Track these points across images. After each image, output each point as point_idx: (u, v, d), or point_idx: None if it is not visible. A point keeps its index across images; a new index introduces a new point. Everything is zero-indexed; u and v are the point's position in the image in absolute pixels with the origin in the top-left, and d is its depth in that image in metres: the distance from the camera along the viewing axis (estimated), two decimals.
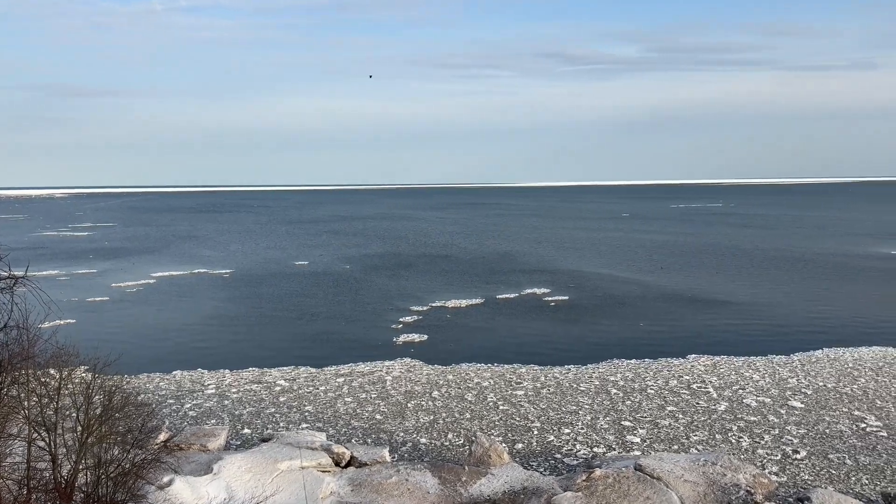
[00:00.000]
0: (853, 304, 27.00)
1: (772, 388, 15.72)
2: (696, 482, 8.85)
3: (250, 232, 71.58)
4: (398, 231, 69.51)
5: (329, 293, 31.59)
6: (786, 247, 49.43)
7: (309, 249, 51.59)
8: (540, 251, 48.30)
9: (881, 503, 9.19)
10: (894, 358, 18.09)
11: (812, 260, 40.79)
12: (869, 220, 77.03)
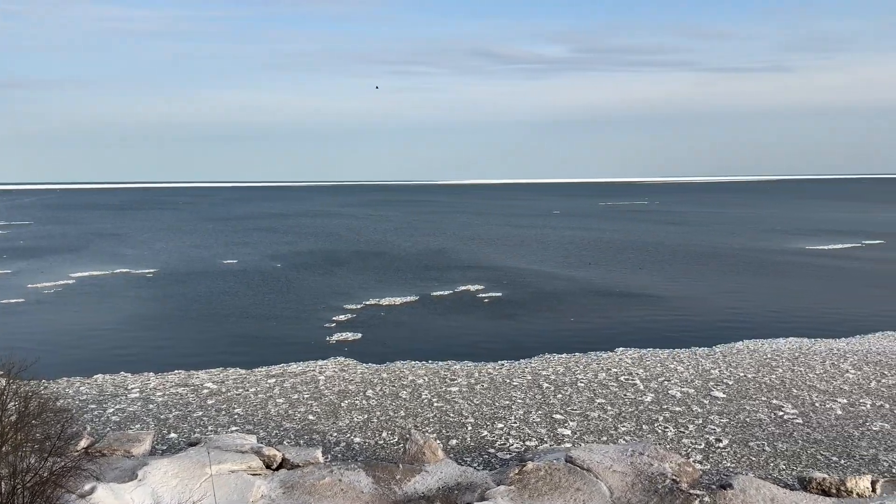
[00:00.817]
0: (770, 297, 28.29)
1: (695, 380, 16.29)
2: (625, 472, 9.09)
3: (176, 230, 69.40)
4: (330, 228, 68.74)
5: (259, 292, 30.95)
6: (707, 243, 51.35)
7: (237, 247, 50.40)
8: (473, 248, 48.67)
9: (797, 487, 9.66)
10: (809, 348, 19.03)
11: (731, 255, 42.51)
12: (785, 216, 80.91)
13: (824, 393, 15.13)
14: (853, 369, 16.83)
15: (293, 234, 63.00)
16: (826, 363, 17.47)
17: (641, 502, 8.41)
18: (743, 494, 8.32)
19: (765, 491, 8.50)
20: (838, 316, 24.23)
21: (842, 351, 18.71)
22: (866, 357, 17.96)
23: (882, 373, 16.45)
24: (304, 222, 78.05)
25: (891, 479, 9.83)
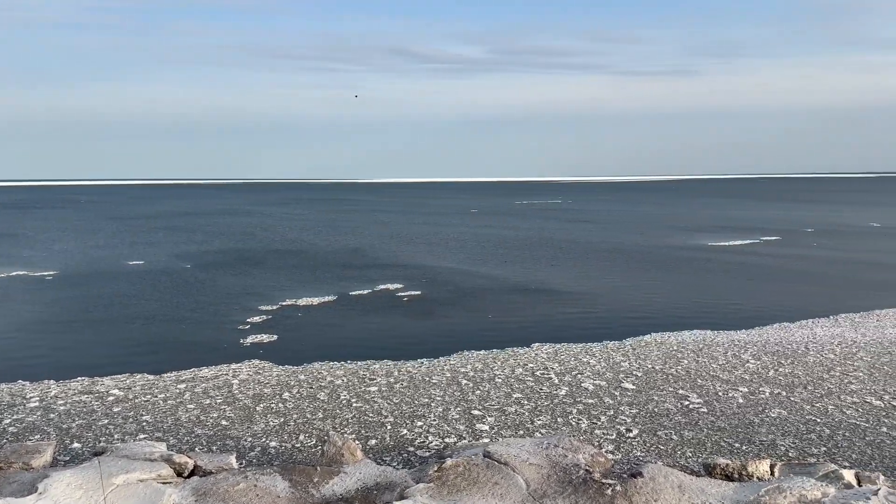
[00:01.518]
0: (676, 291, 29.46)
1: (607, 372, 16.77)
2: (540, 465, 9.27)
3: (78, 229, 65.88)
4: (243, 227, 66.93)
5: (167, 294, 29.79)
6: (617, 240, 53.05)
7: (144, 247, 48.33)
8: (392, 247, 48.50)
9: (703, 472, 10.09)
10: (712, 340, 19.88)
11: (639, 251, 44.07)
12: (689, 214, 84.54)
13: (727, 382, 15.89)
14: (753, 359, 17.75)
15: (204, 233, 60.97)
16: (728, 354, 18.31)
17: (556, 493, 8.61)
18: (652, 482, 8.64)
19: (672, 478, 8.86)
20: (738, 309, 25.49)
21: (742, 342, 19.68)
22: (765, 347, 18.97)
23: (779, 362, 17.42)
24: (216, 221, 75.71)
25: (787, 462, 10.42)
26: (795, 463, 10.30)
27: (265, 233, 61.00)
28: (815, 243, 49.33)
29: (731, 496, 8.77)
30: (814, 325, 21.99)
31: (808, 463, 10.32)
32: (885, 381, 15.79)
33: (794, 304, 26.10)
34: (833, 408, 14.07)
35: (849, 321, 22.42)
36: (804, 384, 15.65)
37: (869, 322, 22.17)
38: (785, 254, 42.94)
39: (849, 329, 21.18)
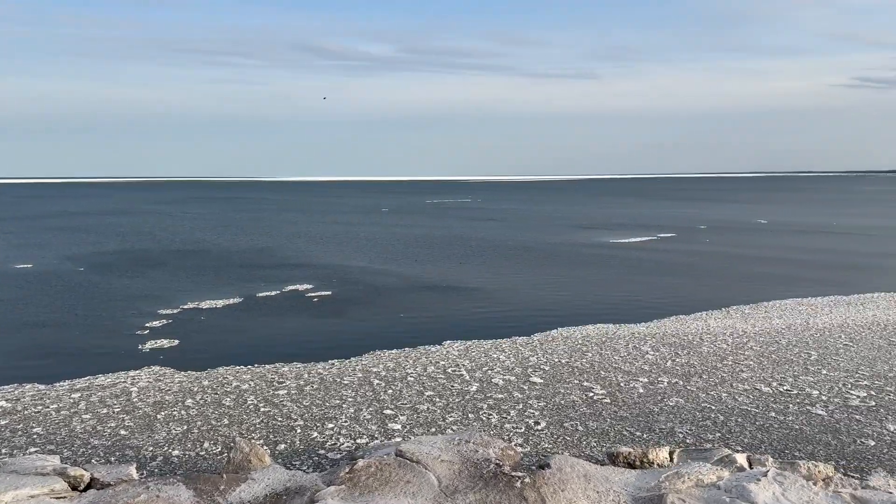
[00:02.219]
0: (580, 287, 30.33)
1: (516, 367, 17.08)
2: (452, 461, 9.34)
3: None
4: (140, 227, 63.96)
5: (59, 299, 28.09)
6: (524, 237, 54.15)
7: (32, 249, 45.38)
8: (300, 246, 47.62)
9: (607, 461, 10.43)
10: (614, 333, 20.56)
11: (545, 249, 45.14)
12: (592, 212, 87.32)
13: (628, 374, 16.51)
14: (652, 351, 18.49)
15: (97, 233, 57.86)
16: (629, 346, 19.00)
17: (468, 488, 8.71)
18: (559, 472, 8.88)
19: (578, 468, 9.13)
20: (638, 302, 26.50)
21: (642, 334, 20.48)
22: (663, 339, 19.81)
23: (676, 353, 18.23)
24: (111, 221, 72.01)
25: (685, 448, 10.93)
26: (693, 449, 10.84)
27: (164, 233, 58.54)
28: (708, 239, 52.07)
29: (633, 483, 9.12)
30: (707, 317, 23.18)
31: (705, 448, 10.88)
32: (773, 368, 16.84)
33: (690, 297, 27.43)
34: (726, 395, 14.88)
35: (739, 313, 23.77)
36: (699, 373, 16.47)
37: (757, 313, 23.59)
38: (680, 249, 45.10)
39: (739, 320, 22.46)
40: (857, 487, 9.33)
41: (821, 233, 57.31)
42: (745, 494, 8.50)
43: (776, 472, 9.12)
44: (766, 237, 54.03)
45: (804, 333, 20.39)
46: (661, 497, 8.47)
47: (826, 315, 23.06)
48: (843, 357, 17.73)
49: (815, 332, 20.60)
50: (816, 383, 15.61)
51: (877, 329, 20.91)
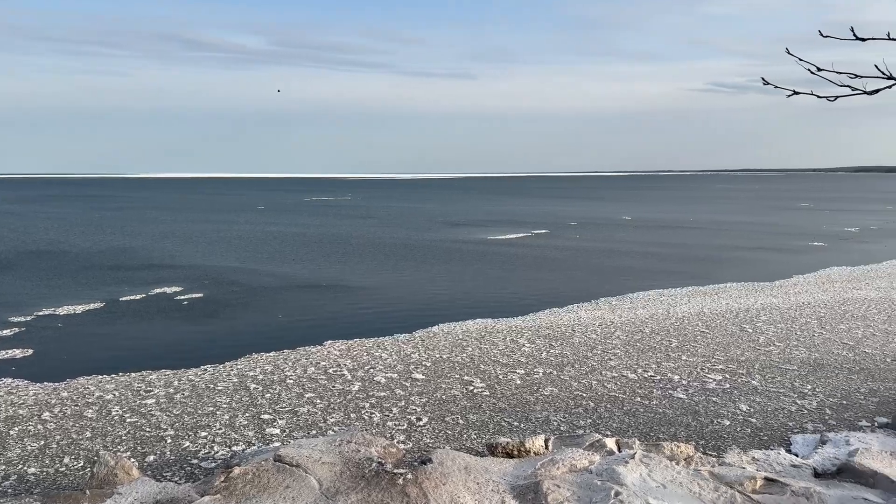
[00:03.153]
0: (460, 283, 30.81)
1: (398, 365, 17.10)
2: (333, 462, 9.21)
3: None
4: None
5: None
6: (404, 235, 54.36)
7: None
8: (169, 247, 45.27)
9: (486, 452, 10.66)
10: (493, 327, 21.02)
11: (426, 246, 45.52)
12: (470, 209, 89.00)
13: (506, 366, 16.95)
14: (528, 343, 19.07)
15: None
16: (507, 339, 19.49)
17: (350, 489, 8.61)
18: (441, 466, 8.97)
19: (459, 461, 9.27)
20: (515, 297, 27.26)
21: (519, 328, 21.08)
22: (538, 331, 20.48)
23: (551, 344, 18.89)
24: None
25: (559, 435, 11.33)
26: (566, 436, 11.29)
27: (14, 234, 53.80)
28: (578, 235, 54.51)
29: (511, 472, 9.38)
30: (578, 309, 24.23)
31: (577, 435, 11.36)
32: (638, 356, 17.85)
33: (562, 290, 28.55)
34: (596, 383, 15.62)
35: (607, 304, 25.01)
36: (572, 363, 17.18)
37: (624, 305, 24.92)
38: (552, 245, 46.90)
39: (607, 311, 23.63)
40: (714, 464, 10.06)
41: (679, 228, 61.48)
42: (614, 477, 8.95)
43: (643, 454, 9.67)
44: (631, 233, 57.26)
45: (665, 322, 21.75)
46: (537, 484, 8.76)
47: (685, 304, 24.73)
48: (701, 343, 19.07)
49: (675, 320, 22.02)
50: (677, 369, 16.70)
51: (730, 316, 22.67)
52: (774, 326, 21.12)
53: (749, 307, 24.16)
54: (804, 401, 14.40)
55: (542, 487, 8.67)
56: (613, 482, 8.82)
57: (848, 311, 23.25)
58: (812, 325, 21.24)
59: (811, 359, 17.56)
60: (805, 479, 9.64)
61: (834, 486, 9.28)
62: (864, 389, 15.11)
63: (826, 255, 40.04)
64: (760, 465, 10.24)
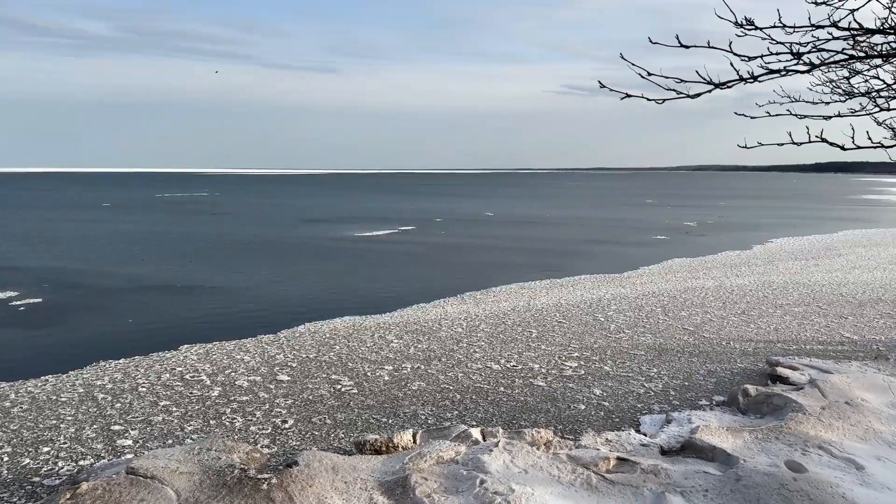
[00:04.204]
0: (327, 280, 30.40)
1: (262, 367, 16.60)
2: (192, 472, 8.79)
3: None
4: None
5: None
6: (267, 232, 52.84)
7: None
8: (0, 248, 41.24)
9: (354, 451, 10.58)
10: (361, 325, 20.92)
11: (290, 243, 44.51)
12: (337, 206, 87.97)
13: (374, 363, 16.92)
14: (396, 339, 19.15)
15: None
16: (375, 336, 19.46)
17: (210, 498, 8.24)
18: (307, 468, 8.81)
19: (326, 461, 9.15)
20: (383, 293, 27.27)
21: (387, 324, 21.11)
22: (406, 327, 20.61)
23: (418, 339, 19.08)
24: None
25: (427, 429, 11.47)
26: (434, 429, 11.45)
27: None
28: (444, 231, 55.40)
29: (379, 468, 9.38)
30: (445, 303, 24.64)
31: (444, 427, 11.56)
32: (501, 347, 18.42)
33: (429, 286, 28.91)
34: (462, 375, 15.96)
35: (472, 299, 25.62)
36: (439, 357, 17.45)
37: (488, 298, 25.63)
38: (419, 241, 47.37)
39: (472, 305, 24.20)
40: (571, 448, 10.59)
41: (538, 223, 64.11)
42: (479, 465, 9.19)
43: (506, 442, 10.00)
44: (494, 228, 59.00)
45: (526, 314, 22.61)
46: (405, 479, 8.82)
47: (544, 296, 25.82)
48: (558, 333, 19.99)
49: (535, 312, 22.94)
50: (537, 358, 17.41)
51: (584, 307, 23.92)
52: (624, 315, 22.54)
53: (601, 297, 25.63)
54: (651, 383, 15.49)
55: (410, 481, 8.74)
56: (479, 471, 9.05)
57: (688, 300, 25.26)
58: (657, 313, 22.87)
59: (656, 344, 18.92)
60: (653, 456, 10.37)
61: (678, 462, 10.06)
62: (703, 371, 16.48)
63: (668, 248, 43.23)
64: (613, 446, 10.90)
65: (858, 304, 24.31)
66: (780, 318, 22.17)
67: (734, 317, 22.30)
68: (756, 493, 8.51)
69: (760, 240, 47.30)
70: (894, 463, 9.88)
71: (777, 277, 30.44)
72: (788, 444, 10.38)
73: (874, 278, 29.85)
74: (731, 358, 17.55)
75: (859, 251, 39.83)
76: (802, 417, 11.21)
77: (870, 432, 10.85)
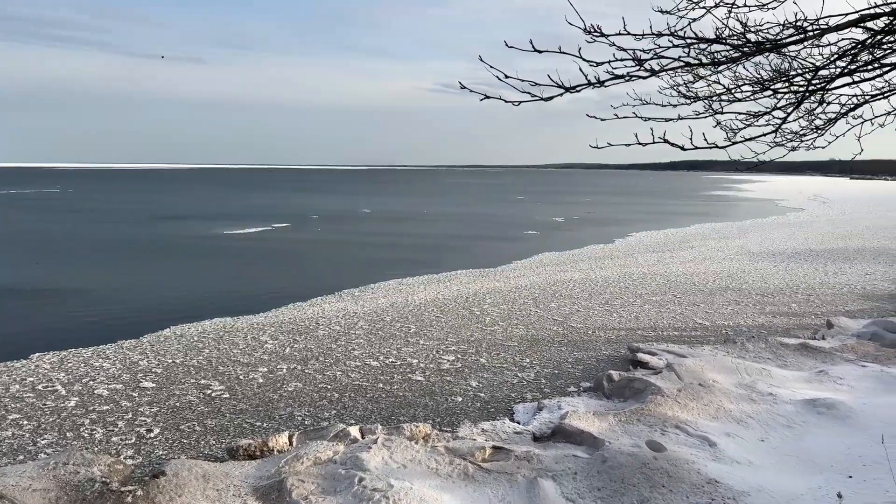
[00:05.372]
0: (195, 281, 29.10)
1: (123, 374, 15.65)
2: (48, 488, 8.15)
3: None
4: None
5: None
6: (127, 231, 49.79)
7: None
8: None
9: (227, 457, 10.22)
10: (232, 326, 20.21)
11: (153, 242, 42.21)
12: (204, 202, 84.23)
13: (247, 365, 16.40)
14: (271, 340, 18.66)
15: None
16: (248, 338, 18.88)
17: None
18: (176, 478, 8.40)
19: (196, 469, 8.77)
20: (257, 293, 26.45)
21: (261, 324, 20.52)
22: (281, 327, 20.12)
23: (294, 339, 18.69)
24: None
25: (304, 430, 11.28)
26: (311, 429, 11.27)
27: None
28: (320, 228, 54.57)
29: (253, 473, 9.11)
30: (322, 301, 24.27)
31: (322, 427, 11.40)
32: (380, 344, 18.41)
33: (306, 284, 28.36)
34: (340, 373, 15.80)
35: (350, 296, 25.40)
36: (316, 356, 17.17)
37: (366, 295, 25.50)
38: (295, 238, 46.37)
39: (351, 303, 24.01)
40: (449, 440, 10.76)
41: (415, 219, 64.57)
42: (358, 464, 9.14)
43: (385, 438, 10.01)
44: (371, 225, 58.80)
45: (404, 310, 22.72)
46: (280, 482, 8.62)
47: (422, 292, 26.05)
48: (436, 328, 20.25)
49: (413, 307, 23.10)
50: (415, 353, 17.55)
51: (461, 301, 24.37)
52: (498, 308, 23.18)
53: (476, 291, 26.21)
54: (524, 373, 16.04)
55: (286, 484, 8.55)
56: (357, 469, 9.00)
57: (557, 292, 26.36)
58: (529, 305, 23.70)
59: (529, 335, 19.61)
60: (526, 443, 10.74)
61: (550, 448, 10.48)
62: (571, 359, 17.27)
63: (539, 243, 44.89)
64: (489, 436, 11.20)
65: (709, 292, 26.36)
66: (640, 307, 23.63)
67: (599, 307, 23.52)
68: (621, 473, 9.02)
69: (622, 234, 50.17)
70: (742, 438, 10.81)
71: (637, 269, 32.41)
72: (649, 425, 11.08)
73: (723, 268, 32.49)
74: (596, 346, 18.51)
75: (710, 243, 43.22)
76: (661, 399, 12.02)
77: (721, 411, 11.81)
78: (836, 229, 52.45)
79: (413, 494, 8.37)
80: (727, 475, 9.24)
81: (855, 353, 15.86)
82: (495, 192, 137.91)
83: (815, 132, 5.58)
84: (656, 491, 8.65)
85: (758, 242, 43.67)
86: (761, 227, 54.85)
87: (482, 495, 8.76)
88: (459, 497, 8.65)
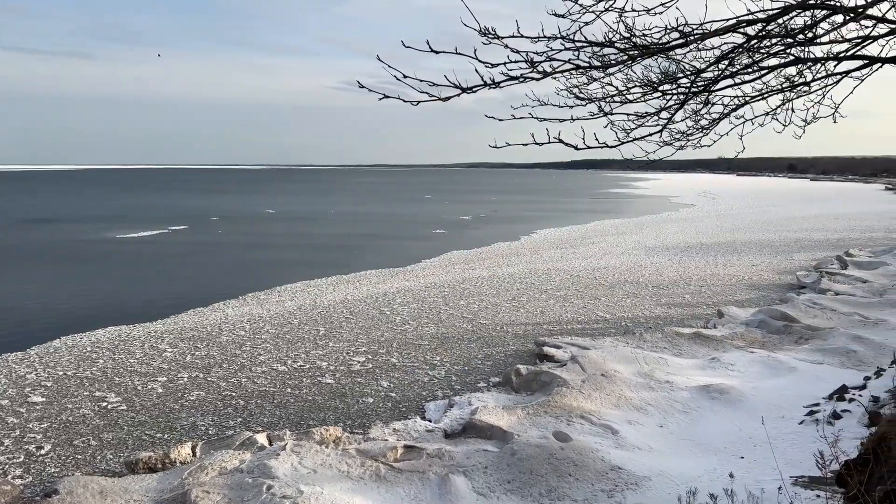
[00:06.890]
0: (86, 288, 27.55)
1: (9, 389, 14.64)
2: None
3: None
4: None
5: None
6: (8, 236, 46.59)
7: None
8: None
9: (126, 472, 9.78)
10: (128, 335, 19.32)
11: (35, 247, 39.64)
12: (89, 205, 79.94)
13: (145, 375, 15.71)
14: (171, 348, 17.95)
15: None
16: (145, 346, 18.10)
17: None
18: (70, 496, 7.94)
19: (93, 486, 8.32)
20: (154, 299, 25.35)
21: (159, 332, 19.70)
22: (181, 334, 19.37)
23: (196, 346, 18.05)
24: None
25: (207, 440, 10.92)
26: (216, 439, 10.91)
27: None
28: (221, 230, 52.82)
29: (155, 487, 8.73)
30: (225, 306, 23.53)
31: (227, 436, 11.06)
32: (288, 348, 18.05)
33: (207, 289, 27.39)
34: (246, 380, 15.38)
35: (255, 299, 24.75)
36: (220, 363, 16.64)
37: (272, 298, 24.93)
38: (194, 241, 44.68)
39: (256, 306, 23.39)
40: (360, 442, 10.68)
41: (321, 220, 63.65)
42: (266, 471, 8.92)
43: (294, 444, 9.82)
44: (276, 226, 57.49)
45: (313, 312, 22.37)
46: (184, 494, 8.30)
47: (331, 293, 25.72)
48: (346, 329, 20.05)
49: (322, 309, 22.78)
50: (325, 356, 17.32)
51: (371, 301, 24.23)
52: (408, 307, 23.21)
53: (387, 291, 26.14)
54: (434, 371, 16.14)
55: (191, 496, 8.24)
56: (265, 477, 8.79)
57: (466, 289, 26.67)
58: (439, 304, 23.86)
59: (439, 333, 19.74)
60: (438, 441, 10.82)
61: (461, 443, 10.60)
62: (480, 355, 17.52)
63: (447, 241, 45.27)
64: (401, 435, 11.19)
65: (609, 286, 27.38)
66: (545, 301, 24.25)
67: (506, 303, 23.97)
68: (529, 465, 9.24)
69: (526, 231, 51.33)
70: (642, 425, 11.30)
71: (541, 265, 33.25)
72: (555, 416, 11.40)
73: (621, 262, 33.82)
74: (504, 341, 18.86)
75: (609, 239, 44.89)
76: (566, 391, 12.39)
77: (622, 399, 12.29)
78: (724, 223, 55.71)
79: (324, 499, 8.25)
80: (629, 461, 9.63)
81: (744, 340, 16.91)
82: (403, 191, 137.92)
83: (701, 132, 5.90)
84: (563, 480, 8.91)
85: (653, 237, 45.75)
86: (656, 223, 57.51)
87: (394, 495, 8.75)
88: (371, 498, 8.61)
